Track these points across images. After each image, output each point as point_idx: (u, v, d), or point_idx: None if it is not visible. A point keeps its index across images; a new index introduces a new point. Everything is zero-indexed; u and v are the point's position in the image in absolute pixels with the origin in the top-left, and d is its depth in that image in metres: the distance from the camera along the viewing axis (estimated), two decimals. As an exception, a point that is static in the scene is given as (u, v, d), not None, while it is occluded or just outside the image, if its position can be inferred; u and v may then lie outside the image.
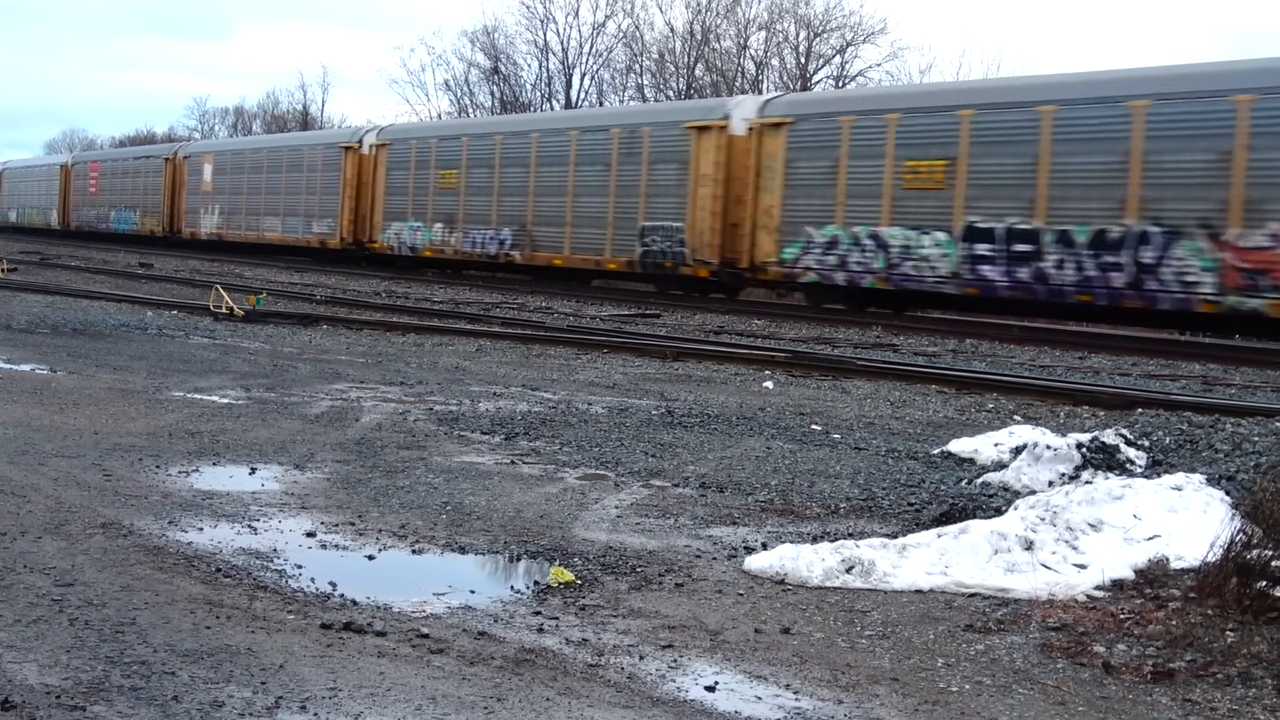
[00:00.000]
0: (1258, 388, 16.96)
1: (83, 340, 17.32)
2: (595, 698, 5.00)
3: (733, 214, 31.50)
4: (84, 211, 67.98)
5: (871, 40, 69.41)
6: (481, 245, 38.76)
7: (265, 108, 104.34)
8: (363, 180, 45.03)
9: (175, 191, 58.06)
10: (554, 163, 36.33)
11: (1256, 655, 5.61)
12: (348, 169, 45.69)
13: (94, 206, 66.56)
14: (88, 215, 67.40)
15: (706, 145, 32.01)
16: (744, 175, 31.14)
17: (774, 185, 30.27)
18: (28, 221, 75.88)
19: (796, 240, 29.62)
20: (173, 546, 6.96)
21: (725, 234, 31.64)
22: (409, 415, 11.93)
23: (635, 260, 33.59)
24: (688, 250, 32.20)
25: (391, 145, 43.97)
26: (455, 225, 39.97)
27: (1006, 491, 9.35)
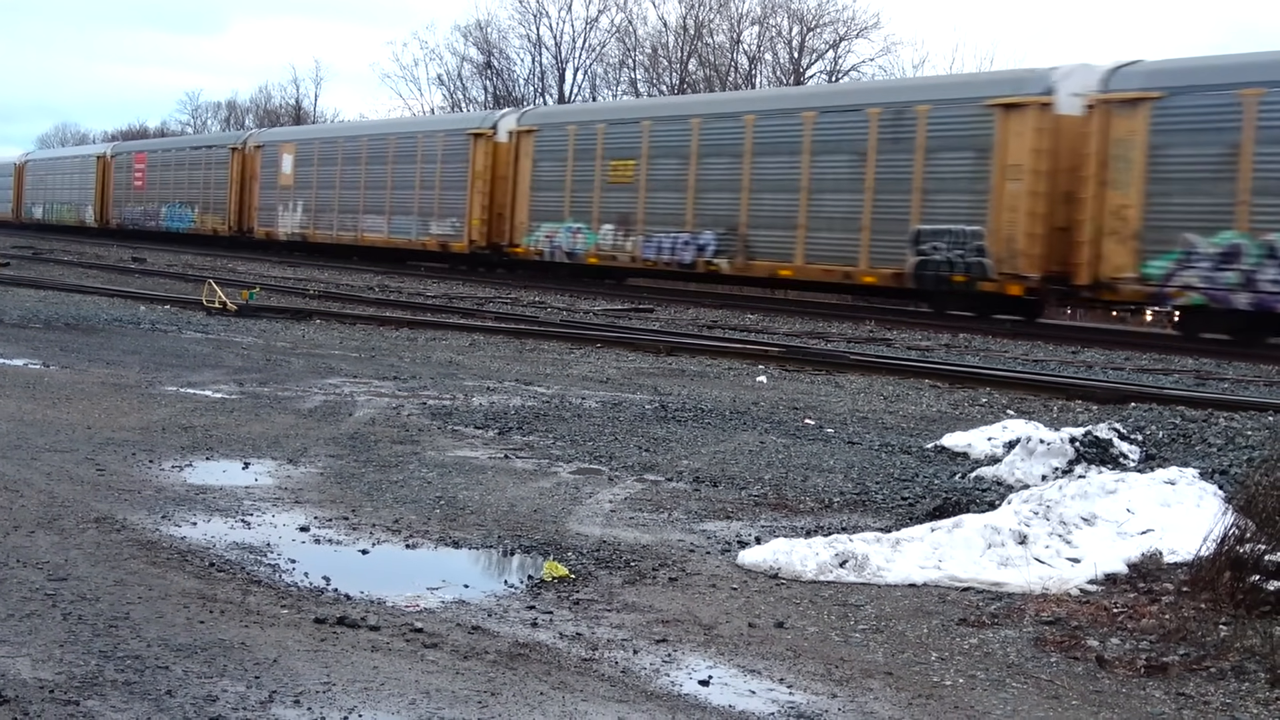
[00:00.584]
0: (1251, 382, 16.98)
1: (75, 335, 17.29)
2: (589, 692, 5.00)
3: (1060, 215, 25.10)
4: (128, 208, 61.35)
5: (864, 35, 69.51)
6: (672, 251, 32.28)
7: (258, 102, 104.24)
8: (498, 173, 38.41)
9: (244, 185, 51.75)
10: (778, 151, 29.88)
11: (1249, 649, 5.62)
12: (478, 159, 38.94)
13: (140, 202, 60.11)
14: (132, 212, 60.79)
15: (1019, 128, 25.33)
16: (1078, 166, 24.73)
17: (1130, 179, 23.77)
18: (57, 218, 69.38)
19: (1169, 250, 23.24)
20: (166, 541, 6.95)
21: (1049, 240, 25.17)
22: (402, 410, 11.92)
23: (906, 272, 27.15)
24: (989, 260, 25.63)
25: (540, 131, 37.23)
26: (632, 227, 33.26)
27: (1000, 486, 9.36)
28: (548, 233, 36.18)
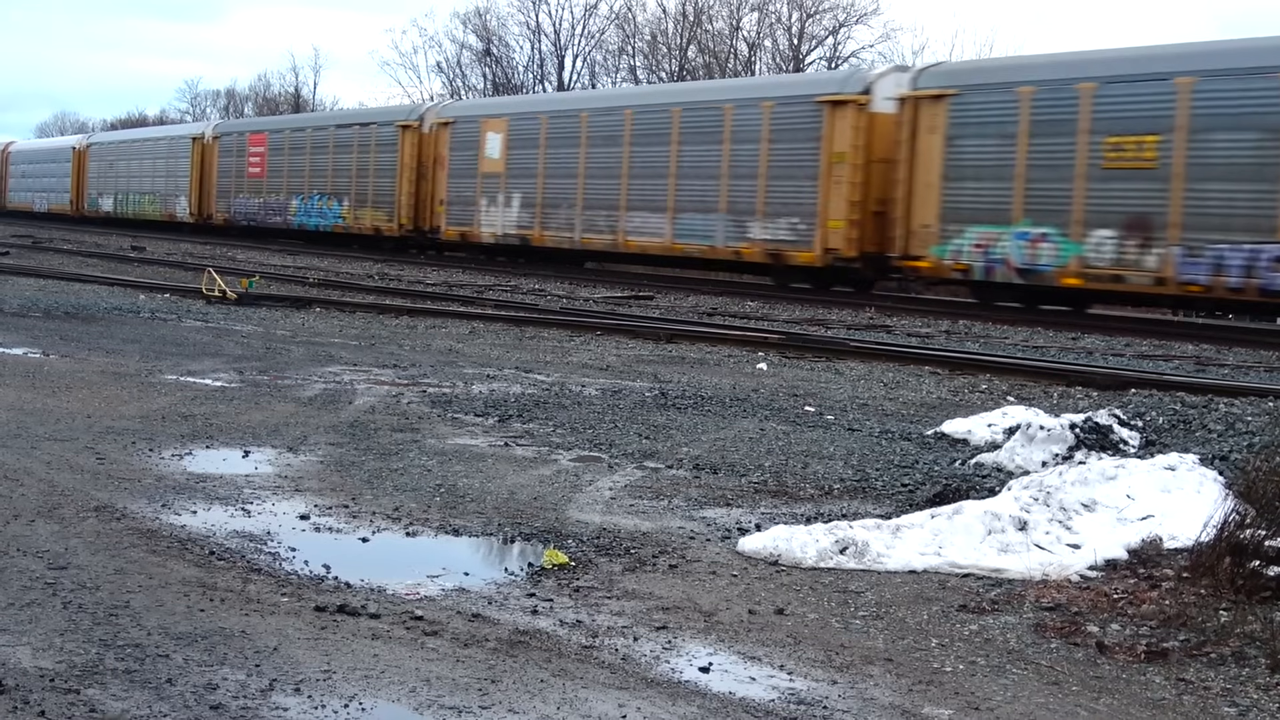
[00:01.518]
0: (1251, 368, 16.98)
1: (75, 324, 17.29)
2: (589, 679, 5.00)
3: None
4: (240, 200, 50.39)
5: (864, 21, 69.48)
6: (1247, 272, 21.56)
7: (257, 90, 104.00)
8: (873, 156, 27.77)
9: (422, 173, 40.29)
10: None
11: (1250, 635, 5.62)
12: (835, 136, 28.15)
13: (259, 193, 49.13)
14: (247, 206, 49.95)
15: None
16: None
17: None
18: (136, 212, 58.69)
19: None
20: (166, 530, 6.95)
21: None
22: (402, 398, 11.92)
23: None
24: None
25: (959, 98, 25.96)
26: (1151, 234, 22.72)
27: (1000, 472, 9.35)
28: (978, 241, 25.59)
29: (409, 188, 40.93)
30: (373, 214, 42.46)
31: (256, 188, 49.58)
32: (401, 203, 41.09)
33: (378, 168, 42.34)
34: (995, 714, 4.85)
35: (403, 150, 41.10)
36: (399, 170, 41.18)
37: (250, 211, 49.87)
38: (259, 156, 49.72)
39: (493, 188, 37.49)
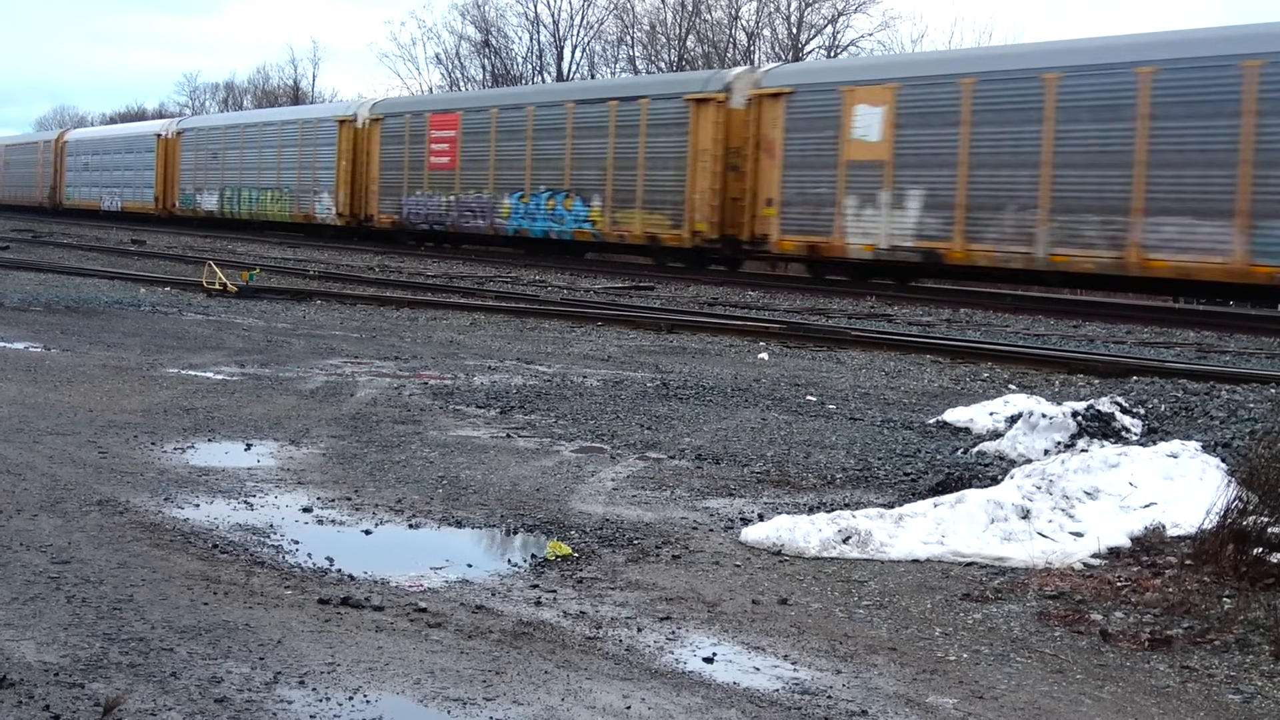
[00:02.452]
0: (1252, 354, 16.97)
1: (76, 318, 17.29)
2: (593, 670, 5.01)
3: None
4: (418, 200, 40.50)
5: (863, 9, 69.32)
6: None
7: (256, 83, 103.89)
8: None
9: (731, 162, 30.98)
10: None
11: (1253, 622, 5.62)
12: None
13: (448, 189, 39.07)
14: (428, 206, 39.96)
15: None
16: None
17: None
18: (254, 212, 49.22)
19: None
20: (169, 523, 6.95)
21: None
22: (404, 390, 11.92)
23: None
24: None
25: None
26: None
27: (1002, 460, 9.36)
28: None
29: (715, 183, 31.09)
30: (644, 217, 32.72)
31: (444, 182, 39.28)
32: (695, 202, 31.41)
33: (652, 159, 32.65)
34: (999, 703, 4.85)
35: (697, 131, 31.51)
36: (688, 160, 31.68)
37: (433, 212, 39.93)
38: (447, 142, 39.41)
39: (865, 181, 27.86)
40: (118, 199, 60.45)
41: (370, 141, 42.99)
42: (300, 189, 46.53)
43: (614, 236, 34.04)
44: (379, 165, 42.43)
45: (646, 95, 33.68)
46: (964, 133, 25.99)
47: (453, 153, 39.29)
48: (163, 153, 56.57)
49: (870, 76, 28.69)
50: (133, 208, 58.89)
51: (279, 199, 47.82)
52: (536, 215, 36.11)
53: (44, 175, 69.15)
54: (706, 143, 31.22)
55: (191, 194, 54.01)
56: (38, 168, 70.32)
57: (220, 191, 51.80)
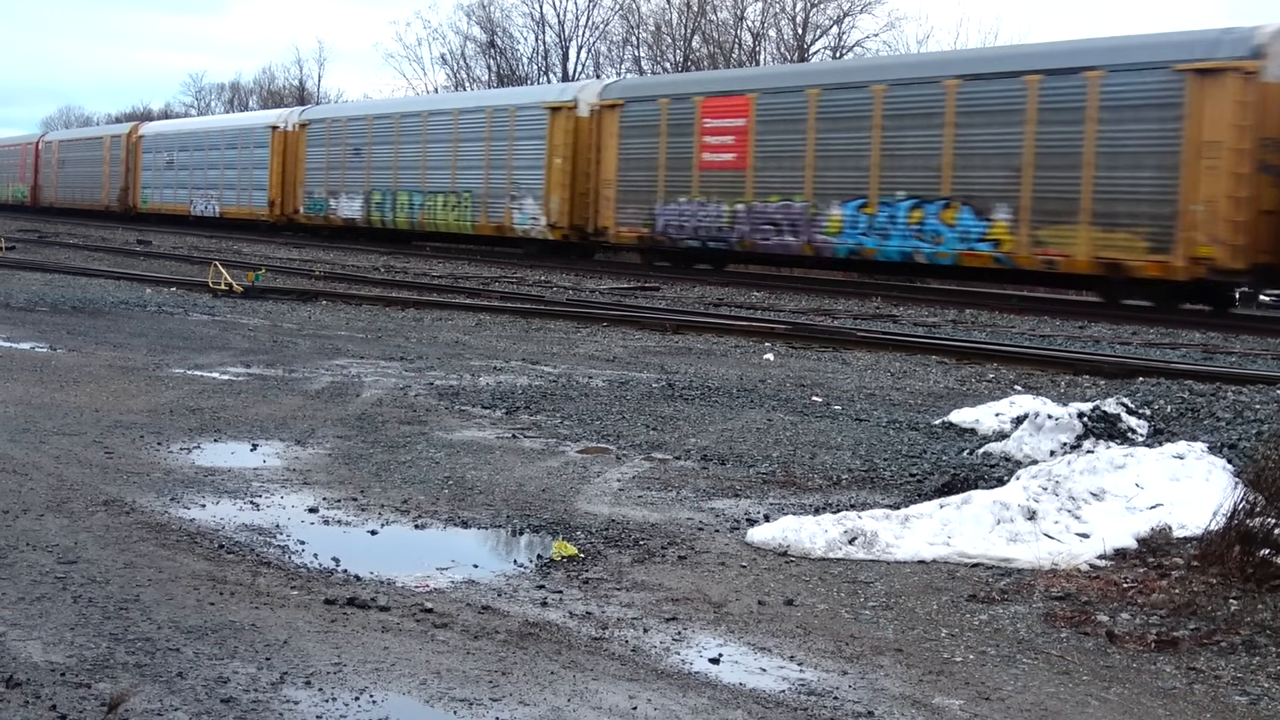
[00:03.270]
0: (1258, 355, 16.95)
1: (82, 318, 17.30)
2: (600, 671, 5.01)
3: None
4: (680, 208, 32.08)
5: (869, 10, 69.29)
6: None
7: (261, 83, 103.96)
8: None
9: None
10: None
11: (1260, 623, 5.61)
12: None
13: (736, 195, 30.66)
14: (700, 216, 31.61)
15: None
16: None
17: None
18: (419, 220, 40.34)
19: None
20: (175, 523, 6.96)
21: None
22: (409, 390, 11.92)
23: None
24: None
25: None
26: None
27: (1008, 461, 9.35)
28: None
29: (1233, 186, 21.96)
30: (1093, 237, 23.80)
31: (731, 186, 30.80)
32: (1197, 217, 22.28)
33: (1117, 148, 23.54)
34: (1006, 704, 4.85)
35: (1203, 115, 22.18)
36: (1188, 153, 22.44)
37: (710, 225, 31.25)
38: (731, 134, 30.88)
39: None
40: (214, 203, 52.28)
41: (601, 133, 34.10)
42: (490, 194, 37.33)
43: (1031, 262, 25.08)
44: (616, 163, 33.49)
45: (1089, 66, 24.24)
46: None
47: (741, 147, 30.46)
48: (280, 148, 47.45)
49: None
50: (236, 214, 50.39)
51: (455, 206, 38.71)
52: (892, 230, 27.30)
53: (112, 175, 61.16)
54: (1226, 130, 22.25)
55: (322, 198, 44.67)
56: (104, 166, 62.14)
57: (365, 196, 42.57)
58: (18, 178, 74.80)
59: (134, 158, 59.29)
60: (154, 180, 57.79)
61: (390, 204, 41.64)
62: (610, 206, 33.69)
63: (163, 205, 56.44)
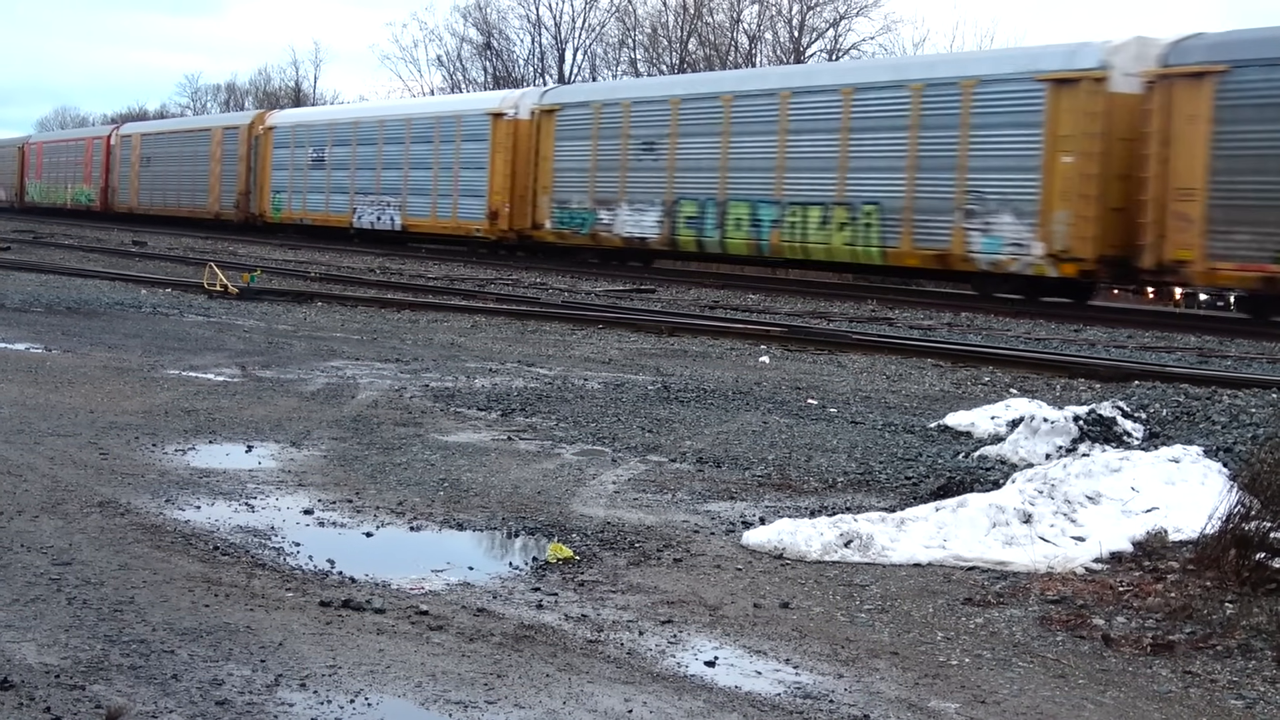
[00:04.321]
0: (1254, 359, 16.95)
1: (77, 319, 17.28)
2: (595, 674, 5.00)
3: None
4: None
5: (865, 13, 69.25)
6: None
7: (257, 84, 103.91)
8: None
9: None
10: None
11: (1256, 627, 5.61)
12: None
13: None
14: None
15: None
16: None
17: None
18: (797, 243, 28.82)
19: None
20: (170, 525, 6.95)
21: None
22: (405, 392, 11.91)
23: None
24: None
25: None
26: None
27: (1004, 464, 9.35)
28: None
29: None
30: None
31: None
32: None
33: None
34: (1001, 707, 4.85)
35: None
36: None
37: None
38: None
39: None
40: (393, 213, 41.23)
41: (1182, 116, 22.18)
42: (921, 206, 26.39)
43: None
44: (1206, 160, 21.82)
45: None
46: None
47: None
48: (508, 141, 36.78)
49: None
50: (430, 227, 40.04)
51: (848, 223, 27.76)
52: None
53: (225, 175, 50.86)
54: None
55: (587, 209, 34.30)
56: (212, 165, 51.78)
57: (668, 206, 31.86)
58: (80, 177, 64.88)
59: (259, 154, 48.54)
60: (290, 182, 46.65)
61: (714, 218, 30.56)
62: (1191, 226, 22.11)
63: (306, 214, 45.68)
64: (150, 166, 57.53)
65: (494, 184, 37.21)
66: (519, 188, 36.62)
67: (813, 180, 28.36)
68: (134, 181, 58.77)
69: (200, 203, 52.85)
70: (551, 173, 35.16)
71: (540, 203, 35.66)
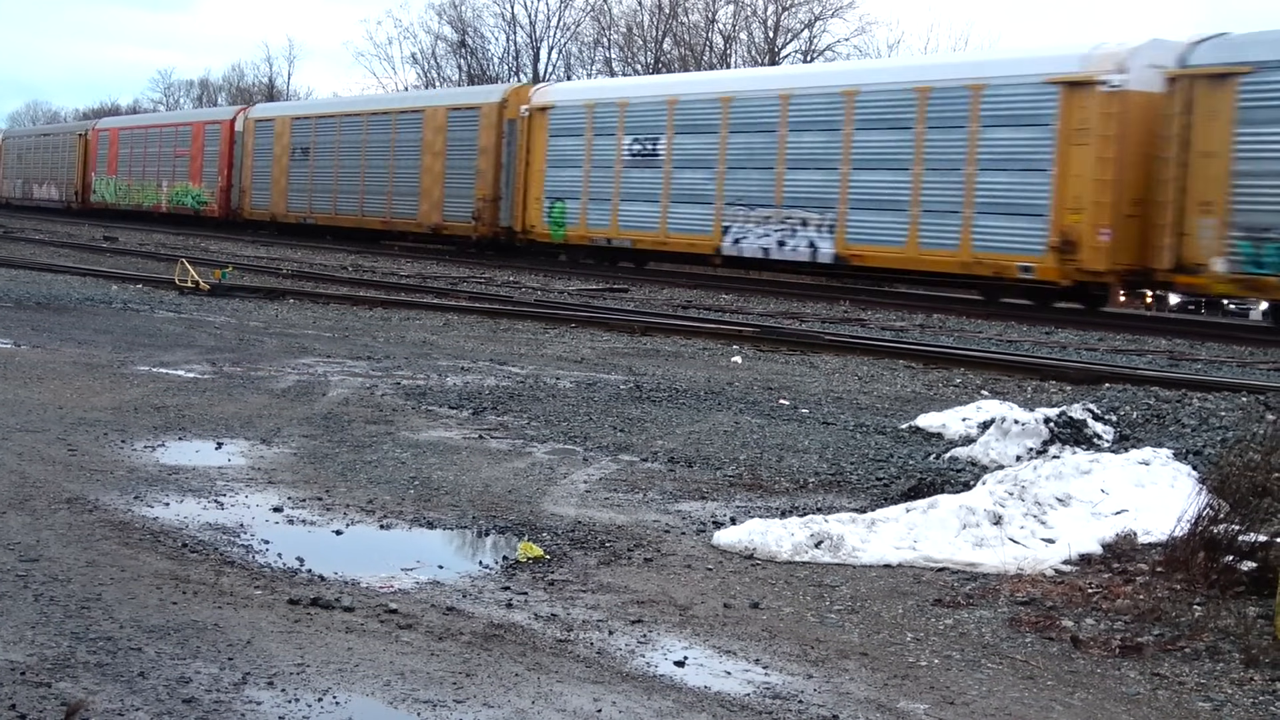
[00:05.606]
0: (1224, 363, 17.04)
1: (46, 314, 17.17)
2: (564, 673, 4.99)
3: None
4: None
5: (840, 14, 69.47)
6: None
7: (231, 80, 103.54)
8: None
9: None
10: None
11: (1224, 629, 5.63)
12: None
13: None
14: None
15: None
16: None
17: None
18: None
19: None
20: (138, 522, 6.91)
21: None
22: (376, 390, 11.87)
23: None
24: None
25: None
26: None
27: (974, 466, 9.37)
28: None
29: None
30: None
31: None
32: None
33: None
34: (970, 708, 4.85)
35: None
36: None
37: None
38: None
39: None
40: (816, 235, 28.05)
41: None
42: None
43: None
44: None
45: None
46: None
47: None
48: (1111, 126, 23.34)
49: None
50: (912, 261, 26.68)
51: None
52: None
53: (456, 175, 37.91)
54: None
55: None
56: (428, 159, 38.75)
57: None
58: (183, 173, 51.67)
59: (525, 143, 35.48)
60: (590, 184, 33.52)
61: None
62: None
63: (622, 233, 32.67)
64: (306, 160, 44.45)
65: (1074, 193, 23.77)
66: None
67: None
68: (279, 180, 45.54)
69: (405, 211, 39.92)
70: None
71: None
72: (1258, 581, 6.13)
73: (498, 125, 36.69)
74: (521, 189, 35.52)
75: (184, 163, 51.40)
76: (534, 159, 35.11)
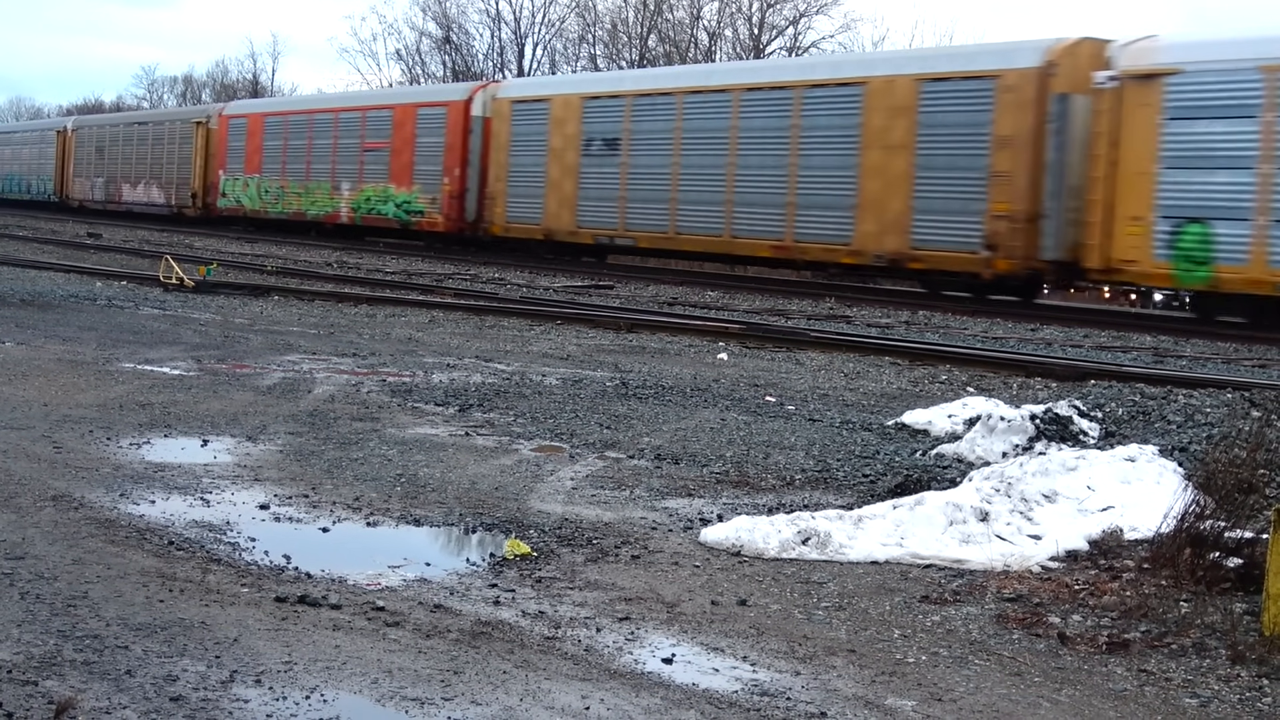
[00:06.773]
0: (1209, 359, 17.08)
1: (31, 311, 17.11)
2: (552, 670, 4.99)
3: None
4: None
5: (825, 11, 69.46)
6: None
7: (215, 76, 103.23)
8: None
9: None
10: None
11: (1210, 625, 5.65)
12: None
13: None
14: None
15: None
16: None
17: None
18: None
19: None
20: (124, 519, 6.89)
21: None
22: (362, 387, 11.86)
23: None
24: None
25: None
26: None
27: (961, 463, 9.38)
28: None
29: None
30: None
31: None
32: None
33: None
34: (958, 705, 4.86)
35: None
36: None
37: None
38: None
39: None
40: None
41: None
42: None
43: None
44: None
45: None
46: None
47: None
48: None
49: None
50: None
51: None
52: None
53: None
54: None
55: None
56: (865, 153, 26.77)
57: None
58: (381, 173, 39.64)
59: None
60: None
61: None
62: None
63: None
64: (608, 158, 32.23)
65: None
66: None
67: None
68: (562, 187, 33.45)
69: (769, 230, 28.27)
70: None
71: None
72: (1244, 578, 6.15)
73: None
74: None
75: (380, 158, 39.78)
76: None
